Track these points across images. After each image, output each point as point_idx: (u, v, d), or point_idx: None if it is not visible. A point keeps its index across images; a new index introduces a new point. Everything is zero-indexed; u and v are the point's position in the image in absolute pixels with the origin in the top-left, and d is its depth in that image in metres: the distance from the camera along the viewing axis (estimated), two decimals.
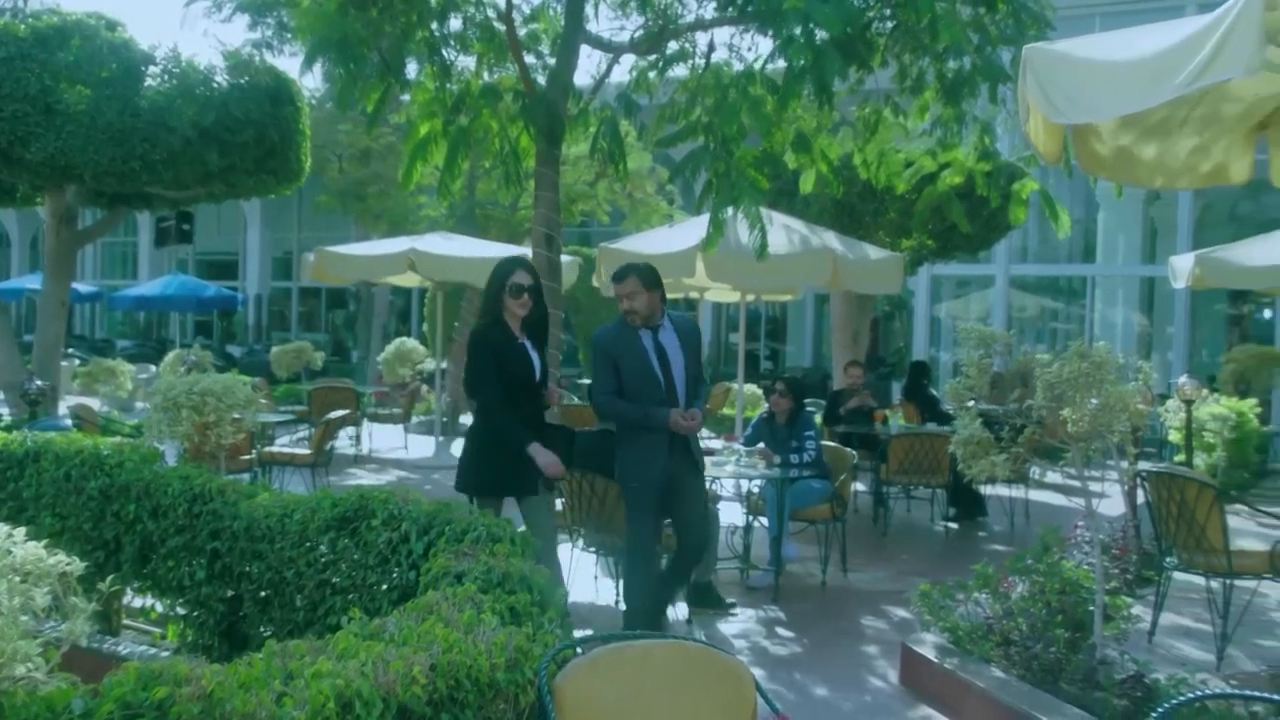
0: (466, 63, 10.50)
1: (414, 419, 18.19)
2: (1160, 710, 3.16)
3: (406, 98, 10.65)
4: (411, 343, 19.66)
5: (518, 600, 4.12)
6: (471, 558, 4.56)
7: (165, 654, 5.65)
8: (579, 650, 3.36)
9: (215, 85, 13.62)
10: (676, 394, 6.71)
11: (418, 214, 20.00)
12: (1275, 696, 3.26)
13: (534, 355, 6.46)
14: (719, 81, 9.32)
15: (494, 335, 6.35)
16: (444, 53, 9.89)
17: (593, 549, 7.55)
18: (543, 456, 6.23)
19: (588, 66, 13.11)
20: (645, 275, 6.72)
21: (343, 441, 15.30)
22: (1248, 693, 3.24)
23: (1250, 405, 13.39)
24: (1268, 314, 23.99)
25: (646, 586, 6.81)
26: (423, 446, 16.54)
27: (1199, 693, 4.17)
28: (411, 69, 10.14)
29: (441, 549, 4.80)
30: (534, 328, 6.53)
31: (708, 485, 8.91)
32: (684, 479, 6.81)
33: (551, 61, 10.15)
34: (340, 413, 12.42)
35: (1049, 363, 5.61)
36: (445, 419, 16.64)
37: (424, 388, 18.95)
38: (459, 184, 16.57)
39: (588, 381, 9.29)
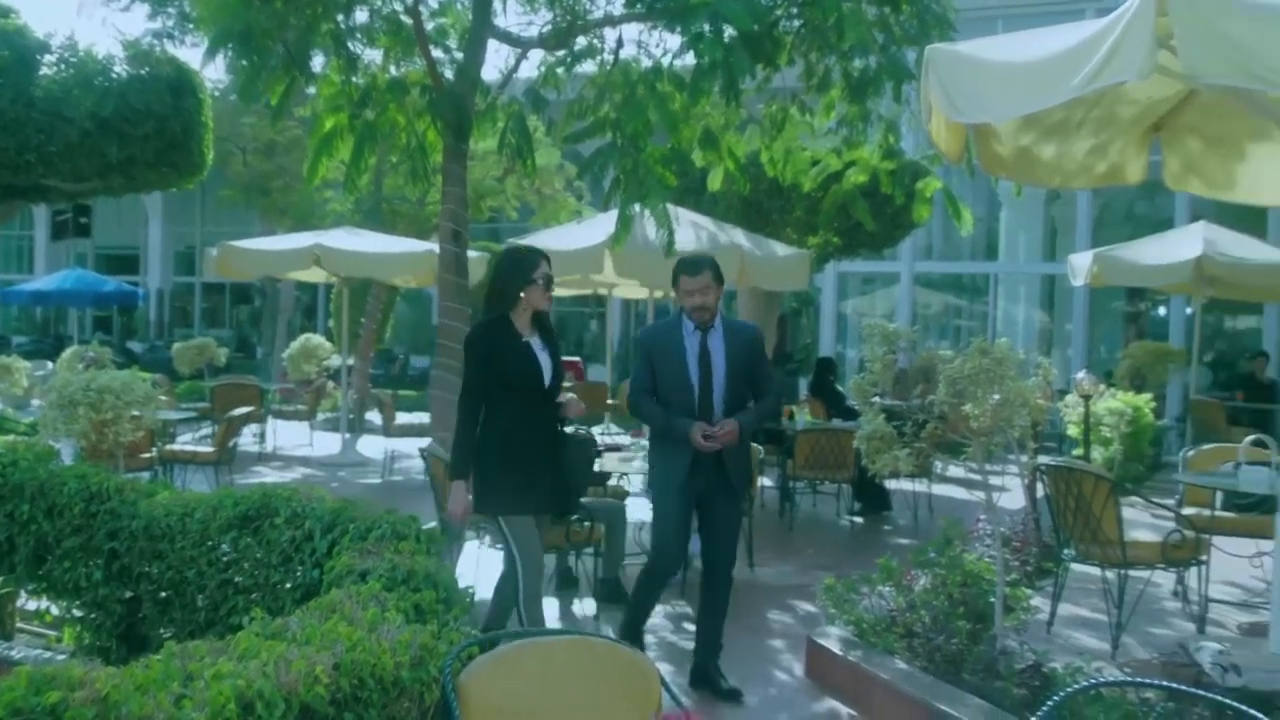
0: (373, 56, 10.41)
1: (320, 416, 17.97)
2: (1056, 698, 3.22)
3: (312, 91, 10.52)
4: (317, 339, 19.40)
5: (423, 598, 4.09)
6: (376, 555, 4.52)
7: (61, 657, 5.53)
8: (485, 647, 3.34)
9: (114, 75, 13.36)
10: (713, 404, 6.08)
11: (324, 209, 19.76)
12: (1166, 683, 3.34)
13: (544, 357, 5.75)
14: (627, 78, 9.34)
15: (493, 335, 5.69)
16: (350, 46, 9.79)
17: (499, 546, 7.50)
18: (455, 501, 5.74)
19: (496, 61, 13.10)
20: (718, 269, 6.15)
21: (247, 439, 15.07)
22: (1140, 680, 3.31)
23: (1146, 400, 13.70)
24: (1163, 311, 24.57)
25: (642, 606, 6.39)
26: (329, 444, 16.35)
27: (1094, 681, 4.26)
28: (317, 62, 10.03)
29: (346, 547, 4.76)
30: (547, 331, 5.85)
31: (615, 481, 8.91)
32: (714, 498, 6.21)
33: (459, 56, 10.09)
34: (244, 410, 12.23)
35: (951, 359, 5.70)
36: (351, 416, 16.47)
37: (330, 384, 18.73)
38: (366, 179, 16.41)
39: None
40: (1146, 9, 4.15)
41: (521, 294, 5.66)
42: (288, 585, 5.07)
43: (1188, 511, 7.54)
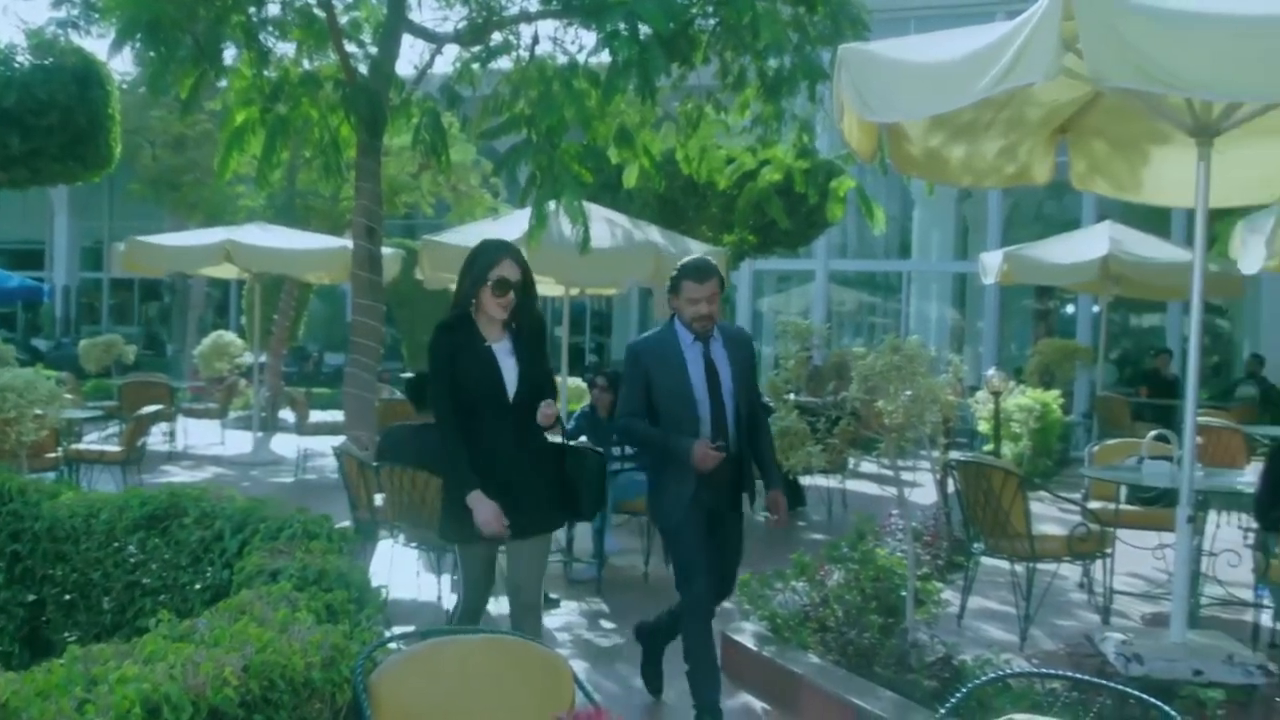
0: (285, 49, 10.29)
1: (231, 414, 17.73)
2: (965, 690, 3.27)
3: (223, 84, 10.36)
4: (229, 336, 19.13)
5: (334, 598, 4.05)
6: (287, 555, 4.47)
7: None
8: (399, 647, 3.31)
9: (16, 65, 13.07)
10: (726, 420, 5.47)
11: (235, 204, 19.47)
12: (1070, 674, 3.40)
13: (509, 365, 5.02)
14: (543, 75, 9.32)
15: (453, 336, 5.06)
16: (262, 39, 9.67)
17: (414, 545, 7.46)
18: (481, 511, 4.88)
19: (411, 56, 12.96)
20: (722, 277, 5.56)
21: (156, 438, 14.80)
22: (1046, 671, 3.37)
23: (1054, 396, 13.96)
24: (1070, 309, 25.05)
25: (698, 656, 5.53)
26: (240, 442, 16.13)
27: (1001, 672, 4.34)
28: (228, 55, 9.89)
29: (256, 547, 4.69)
30: (523, 334, 5.12)
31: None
32: (724, 516, 5.63)
33: (373, 50, 10.01)
34: (153, 408, 12.02)
35: (864, 356, 5.77)
36: (264, 414, 16.26)
37: (242, 382, 18.47)
38: (278, 174, 16.20)
39: (409, 375, 9.16)
40: (1053, 13, 4.24)
41: (474, 296, 5.02)
42: (197, 586, 4.99)
43: (1093, 505, 7.70)
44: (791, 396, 6.17)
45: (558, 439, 5.34)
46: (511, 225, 11.37)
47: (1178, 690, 4.94)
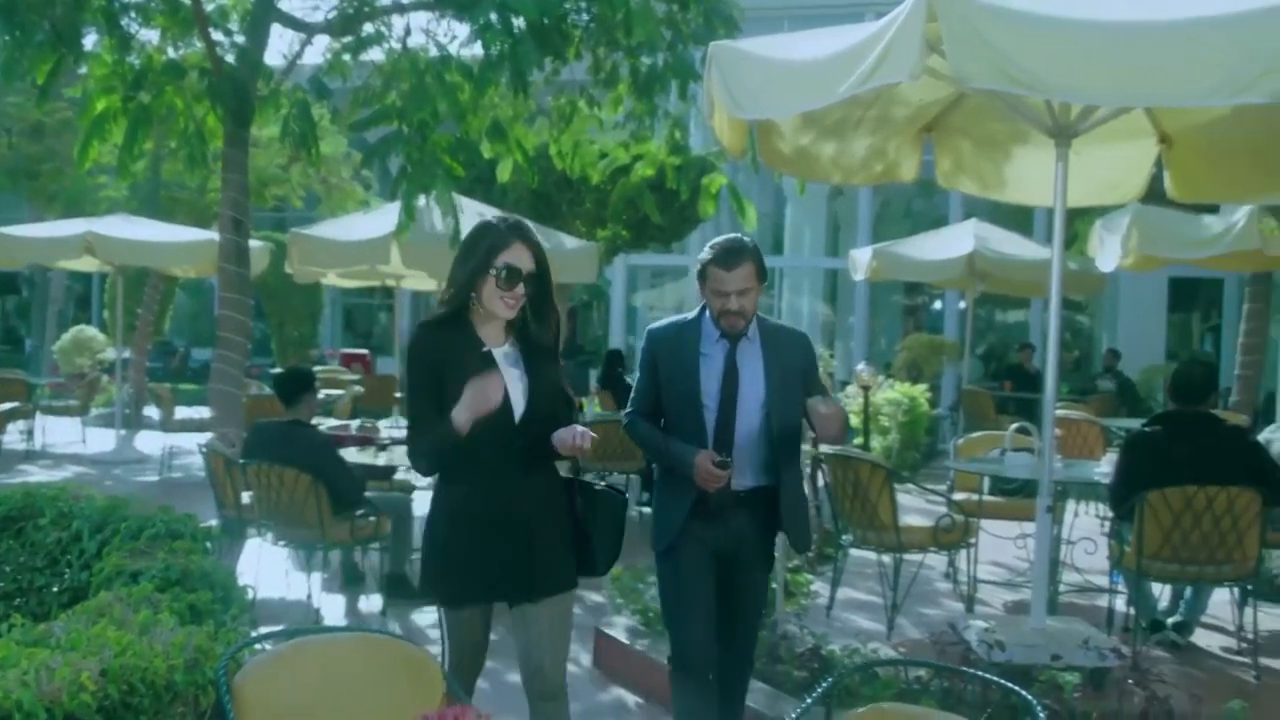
0: (149, 36, 10.01)
1: (93, 411, 17.23)
2: (832, 680, 3.32)
3: (83, 70, 10.05)
4: (91, 330, 18.66)
5: (198, 598, 3.97)
6: (149, 556, 4.37)
7: None
8: (265, 647, 3.25)
9: None
10: (732, 431, 4.40)
11: (97, 195, 18.92)
12: (934, 662, 3.48)
13: (514, 376, 3.91)
14: (415, 67, 9.22)
15: (439, 338, 3.89)
16: (124, 24, 9.39)
17: (282, 543, 7.34)
18: (474, 399, 3.73)
19: (280, 46, 12.70)
20: (760, 259, 4.46)
21: (13, 436, 14.36)
22: (910, 660, 3.44)
23: (921, 391, 14.24)
24: (938, 305, 25.61)
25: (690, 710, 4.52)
26: (103, 440, 15.68)
27: (868, 661, 4.41)
28: (88, 40, 9.60)
29: (116, 547, 4.58)
30: (534, 338, 3.97)
31: (403, 472, 8.78)
32: (740, 562, 4.52)
33: (241, 39, 9.79)
34: (9, 405, 11.64)
35: None
36: (127, 411, 15.84)
37: (104, 378, 17.97)
38: (141, 165, 15.80)
39: (279, 370, 8.98)
40: (917, 14, 4.32)
41: (473, 288, 3.85)
42: (54, 589, 4.85)
43: (958, 497, 7.87)
44: None
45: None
46: (383, 218, 11.26)
47: (1037, 674, 5.09)
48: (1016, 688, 3.05)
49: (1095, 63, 4.46)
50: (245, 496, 7.35)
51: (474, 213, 11.24)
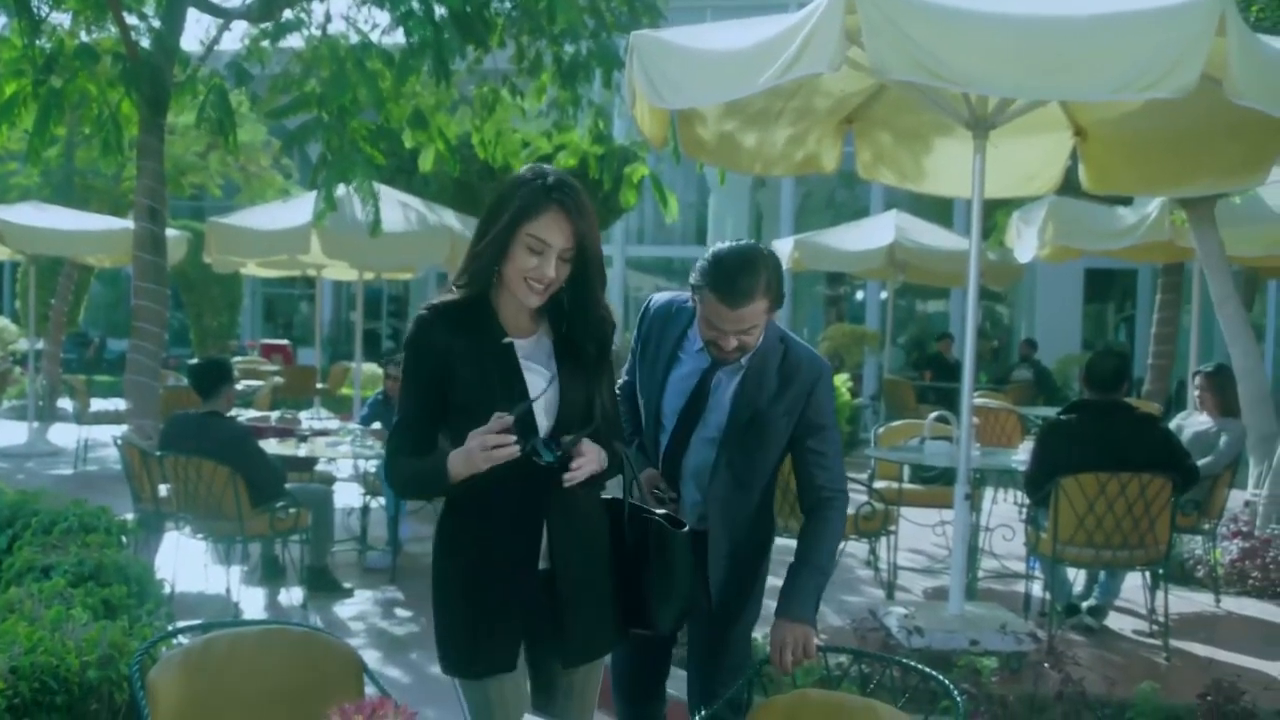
0: (61, 19, 9.78)
1: (4, 403, 16.88)
2: (755, 667, 3.35)
3: None
4: (2, 321, 18.24)
5: (113, 593, 3.91)
6: (61, 550, 4.29)
7: None
8: (181, 641, 3.21)
9: None
10: (678, 463, 3.56)
11: (7, 182, 18.50)
12: (854, 649, 3.53)
13: (537, 375, 2.99)
14: (335, 54, 9.11)
15: (445, 325, 2.99)
16: (34, 6, 9.16)
17: (200, 536, 7.24)
18: (473, 452, 2.78)
19: (197, 31, 12.52)
20: (777, 288, 3.37)
21: None
22: (832, 646, 3.50)
23: (843, 380, 14.37)
24: (860, 296, 25.85)
25: None
26: (14, 433, 15.34)
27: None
28: None
29: (28, 542, 4.49)
30: (576, 334, 3.03)
31: (323, 465, 8.71)
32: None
33: (156, 24, 9.61)
34: None
35: None
36: (41, 403, 15.51)
37: (16, 370, 17.61)
38: (55, 151, 15.47)
39: (195, 361, 8.83)
40: (837, 6, 4.37)
41: (499, 263, 2.95)
42: None
43: (878, 485, 7.95)
44: None
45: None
46: (303, 207, 11.14)
47: (955, 659, 5.16)
48: (935, 673, 3.10)
49: (1010, 56, 4.54)
50: (162, 489, 7.23)
51: (395, 202, 11.18)
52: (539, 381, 2.96)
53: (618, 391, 3.44)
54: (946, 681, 3.03)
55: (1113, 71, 4.43)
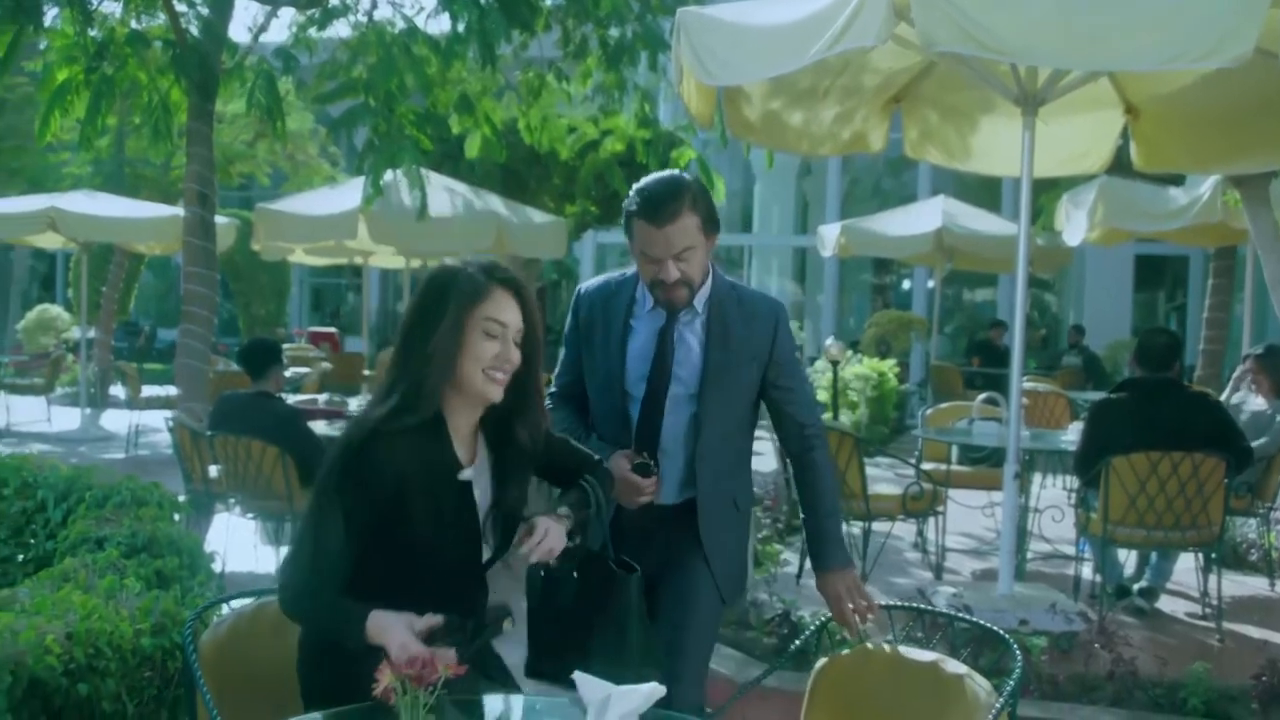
0: (113, 9, 9.89)
1: (58, 390, 17.09)
2: (799, 641, 3.34)
3: (44, 44, 9.93)
4: (55, 309, 18.48)
5: (165, 564, 3.95)
6: (114, 523, 4.34)
7: None
8: (231, 608, 3.24)
9: None
10: (658, 430, 3.38)
11: (59, 172, 18.72)
12: (906, 604, 3.49)
13: (484, 502, 2.80)
14: (381, 40, 9.15)
15: (396, 455, 2.64)
16: None
17: (250, 515, 7.31)
18: (392, 633, 2.45)
19: (245, 19, 12.60)
20: (707, 204, 3.31)
21: None
22: (891, 604, 3.47)
23: (890, 365, 14.30)
24: (907, 285, 25.71)
25: None
26: (68, 419, 15.56)
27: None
28: (50, 14, 9.47)
29: (81, 515, 4.54)
30: (517, 442, 2.85)
31: None
32: (668, 583, 3.38)
33: (205, 11, 9.69)
34: None
35: None
36: (93, 389, 15.70)
37: (69, 357, 17.82)
38: (106, 141, 15.63)
39: (245, 342, 8.88)
40: None
41: (456, 367, 2.69)
42: (19, 559, 4.80)
43: (926, 466, 7.90)
44: None
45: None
46: (350, 193, 11.21)
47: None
48: (995, 627, 3.10)
49: (1059, 27, 4.47)
50: (213, 470, 7.30)
51: (442, 187, 11.22)
52: (485, 503, 2.79)
53: (549, 401, 3.32)
54: (1006, 635, 3.01)
55: (1165, 41, 4.36)
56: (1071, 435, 7.17)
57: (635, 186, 3.36)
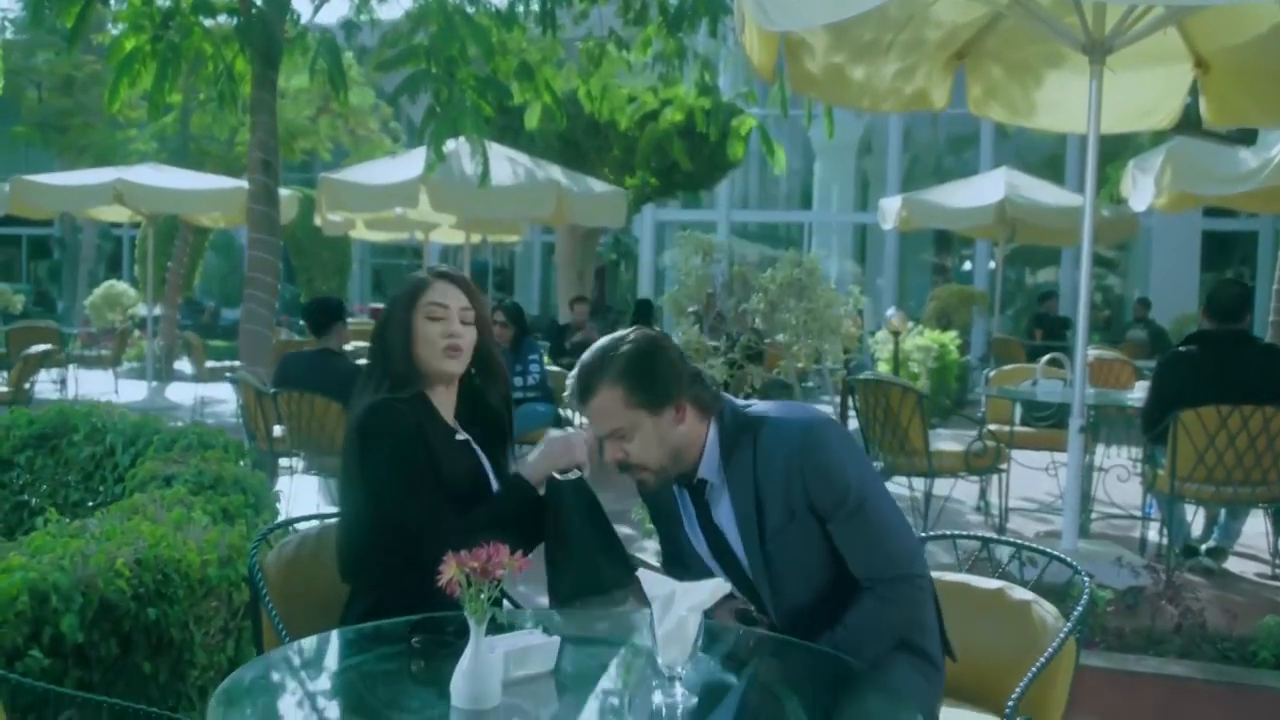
0: None
1: (125, 363, 17.34)
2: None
3: (110, 17, 10.07)
4: (122, 285, 18.74)
5: (230, 502, 4.00)
6: (181, 464, 4.39)
7: None
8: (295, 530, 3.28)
9: None
10: (745, 584, 2.89)
11: (126, 148, 18.98)
12: (982, 535, 3.47)
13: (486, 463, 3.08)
14: (443, 8, 9.18)
15: (410, 414, 2.92)
16: None
17: (313, 472, 7.38)
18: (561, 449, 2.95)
19: None
20: (642, 376, 2.74)
21: (47, 386, 14.45)
22: (964, 534, 3.45)
23: (951, 338, 14.17)
24: (968, 265, 25.49)
25: None
26: (135, 391, 15.78)
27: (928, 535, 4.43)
28: None
29: (150, 457, 4.61)
30: (489, 416, 3.17)
31: None
32: None
33: None
34: (42, 347, 11.71)
35: (767, 270, 5.79)
36: (159, 364, 15.93)
37: (135, 332, 18.08)
38: (171, 117, 15.83)
39: (309, 300, 8.96)
40: None
41: (414, 352, 2.99)
42: (89, 504, 4.89)
43: (990, 428, 7.83)
44: (692, 310, 6.15)
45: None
46: (410, 163, 11.27)
47: (1070, 592, 5.06)
48: (1061, 556, 3.07)
49: None
50: (277, 430, 7.38)
51: (503, 157, 11.25)
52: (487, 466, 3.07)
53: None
54: (1073, 563, 2.98)
55: None
56: (1138, 393, 7.07)
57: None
